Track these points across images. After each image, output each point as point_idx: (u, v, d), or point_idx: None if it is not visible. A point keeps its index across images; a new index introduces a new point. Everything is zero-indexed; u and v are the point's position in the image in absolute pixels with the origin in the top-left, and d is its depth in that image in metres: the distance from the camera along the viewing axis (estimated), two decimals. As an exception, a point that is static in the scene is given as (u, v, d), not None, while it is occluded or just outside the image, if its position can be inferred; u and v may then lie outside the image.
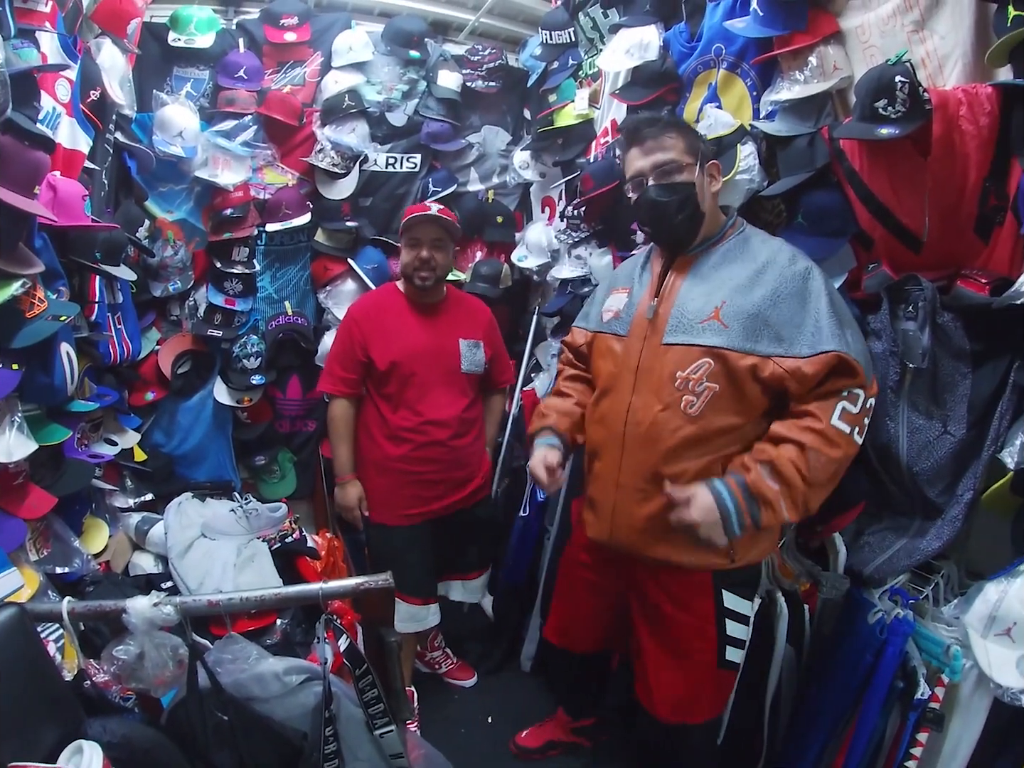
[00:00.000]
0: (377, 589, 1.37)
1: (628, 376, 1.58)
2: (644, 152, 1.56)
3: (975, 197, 1.43)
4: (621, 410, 1.58)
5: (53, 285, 1.77)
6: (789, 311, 1.44)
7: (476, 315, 2.39)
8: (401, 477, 2.21)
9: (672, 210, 1.53)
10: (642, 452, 1.55)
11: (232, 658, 1.38)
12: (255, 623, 2.03)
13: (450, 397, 2.24)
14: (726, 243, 1.58)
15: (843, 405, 1.41)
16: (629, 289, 1.69)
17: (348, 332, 2.25)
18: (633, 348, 1.59)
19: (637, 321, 1.61)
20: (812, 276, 1.47)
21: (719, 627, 1.61)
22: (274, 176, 2.81)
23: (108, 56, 2.14)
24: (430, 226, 2.17)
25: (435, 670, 2.59)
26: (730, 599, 1.61)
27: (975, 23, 1.40)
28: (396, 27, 2.86)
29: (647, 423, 1.53)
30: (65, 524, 1.84)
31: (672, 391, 1.51)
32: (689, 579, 1.60)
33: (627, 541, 1.61)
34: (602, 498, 1.65)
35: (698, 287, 1.54)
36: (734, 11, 1.93)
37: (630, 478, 1.57)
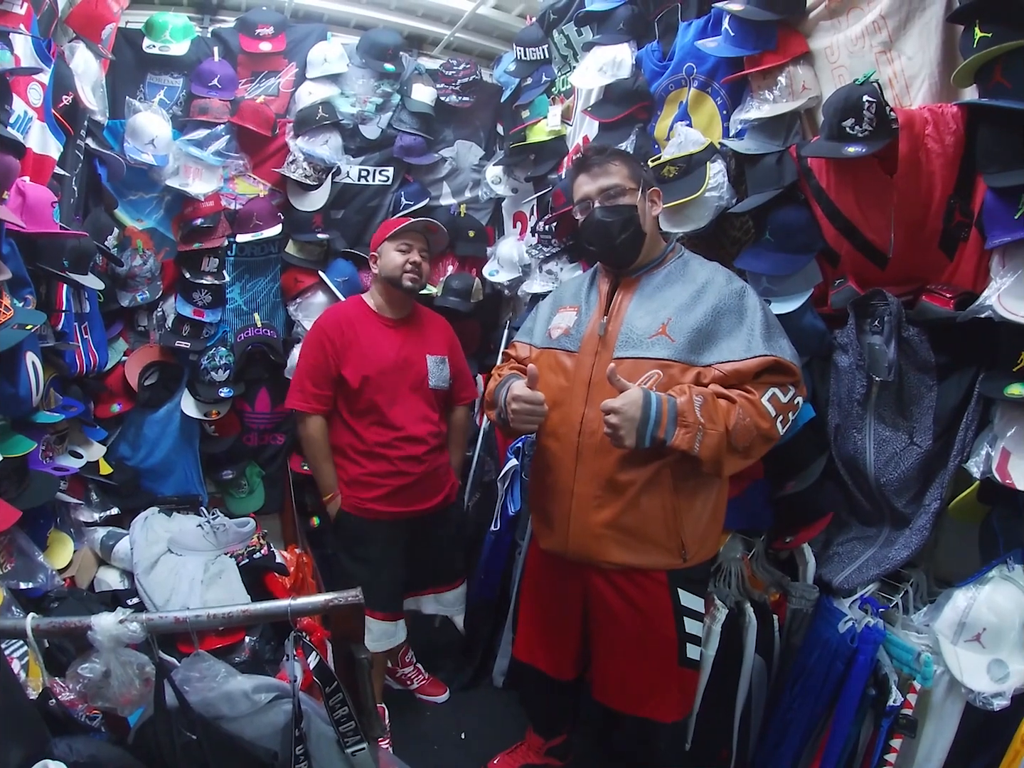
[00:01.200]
0: (346, 605, 1.34)
1: (581, 389, 1.66)
2: (591, 178, 1.69)
3: (940, 214, 1.47)
4: (575, 421, 1.65)
5: (19, 293, 1.73)
6: (728, 325, 1.56)
7: (440, 331, 2.40)
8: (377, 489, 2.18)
9: (616, 230, 1.65)
10: (597, 461, 1.62)
11: (200, 676, 1.35)
12: (223, 640, 1.99)
13: (421, 412, 2.23)
14: (667, 266, 1.70)
15: (774, 391, 1.51)
16: (577, 308, 1.77)
17: (320, 347, 2.19)
18: (585, 363, 1.67)
19: (588, 338, 1.69)
20: (747, 294, 1.61)
21: (678, 625, 1.66)
22: (246, 187, 2.79)
23: (82, 61, 2.12)
24: (420, 236, 2.21)
25: (407, 686, 2.56)
26: (685, 597, 1.66)
27: (942, 44, 1.45)
28: (371, 40, 2.87)
29: (601, 432, 1.57)
30: (29, 538, 1.80)
31: None
32: (646, 580, 1.65)
33: (584, 548, 1.66)
34: (556, 509, 1.70)
35: (644, 306, 1.65)
36: (706, 31, 1.98)
37: (585, 487, 1.64)
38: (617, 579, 1.66)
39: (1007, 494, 1.35)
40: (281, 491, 3.02)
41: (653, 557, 1.62)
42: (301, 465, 2.95)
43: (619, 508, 1.60)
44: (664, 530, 1.61)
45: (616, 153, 1.74)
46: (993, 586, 1.39)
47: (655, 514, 1.60)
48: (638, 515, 1.60)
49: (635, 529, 1.61)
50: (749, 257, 1.83)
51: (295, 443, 2.97)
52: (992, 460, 1.39)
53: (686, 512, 1.61)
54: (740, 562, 1.87)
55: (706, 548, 1.70)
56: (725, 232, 2.01)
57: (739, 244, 1.98)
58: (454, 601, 2.45)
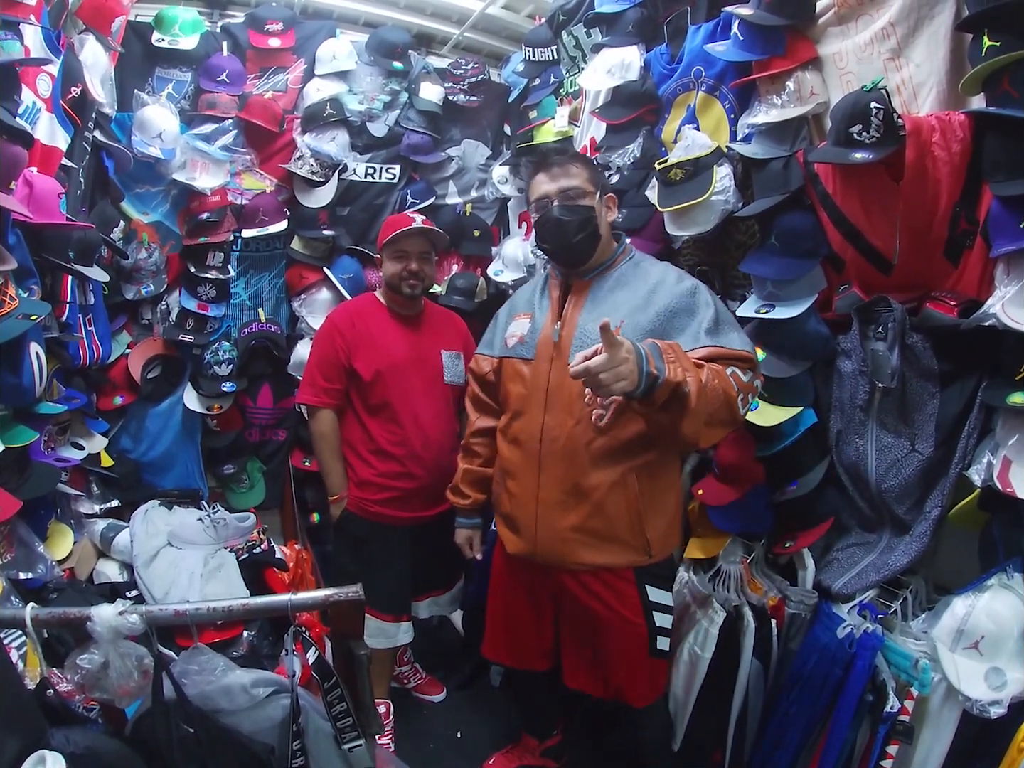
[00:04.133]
0: (346, 601, 1.34)
1: (539, 396, 1.68)
2: (551, 177, 1.69)
3: (946, 221, 1.47)
4: (535, 429, 1.67)
5: (24, 283, 1.74)
6: (680, 323, 1.57)
7: (454, 327, 2.38)
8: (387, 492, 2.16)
9: (573, 229, 1.65)
10: (560, 467, 1.64)
11: (198, 669, 1.35)
12: (222, 634, 1.98)
13: (435, 410, 2.21)
14: (618, 268, 1.71)
15: (733, 369, 1.48)
16: (531, 315, 1.78)
17: (331, 341, 2.18)
18: (541, 370, 1.68)
19: (543, 344, 1.70)
20: (699, 291, 1.61)
21: (648, 619, 1.70)
22: (252, 182, 2.80)
23: (91, 53, 2.12)
24: (417, 239, 2.16)
25: (404, 685, 2.56)
26: (653, 592, 1.70)
27: (950, 52, 1.45)
28: (380, 38, 2.88)
29: (563, 439, 1.62)
30: (29, 529, 1.80)
31: (582, 406, 1.61)
32: (613, 578, 1.68)
33: (552, 551, 1.68)
34: (522, 514, 1.72)
35: (597, 309, 1.64)
36: (715, 35, 1.98)
37: (550, 492, 1.66)
38: (586, 578, 1.69)
39: (1008, 502, 1.35)
40: (282, 487, 3.03)
41: (620, 556, 1.66)
42: (302, 461, 2.96)
43: (585, 512, 1.63)
44: (630, 530, 1.64)
45: (577, 156, 1.78)
46: (992, 594, 1.39)
47: (620, 516, 1.63)
48: (604, 518, 1.63)
49: (602, 531, 1.64)
50: (754, 261, 1.83)
51: (296, 439, 2.97)
52: (993, 468, 1.39)
53: (650, 512, 1.64)
54: (739, 566, 1.87)
55: (669, 544, 1.76)
56: (730, 236, 2.01)
57: (744, 248, 1.98)
58: (450, 600, 2.45)
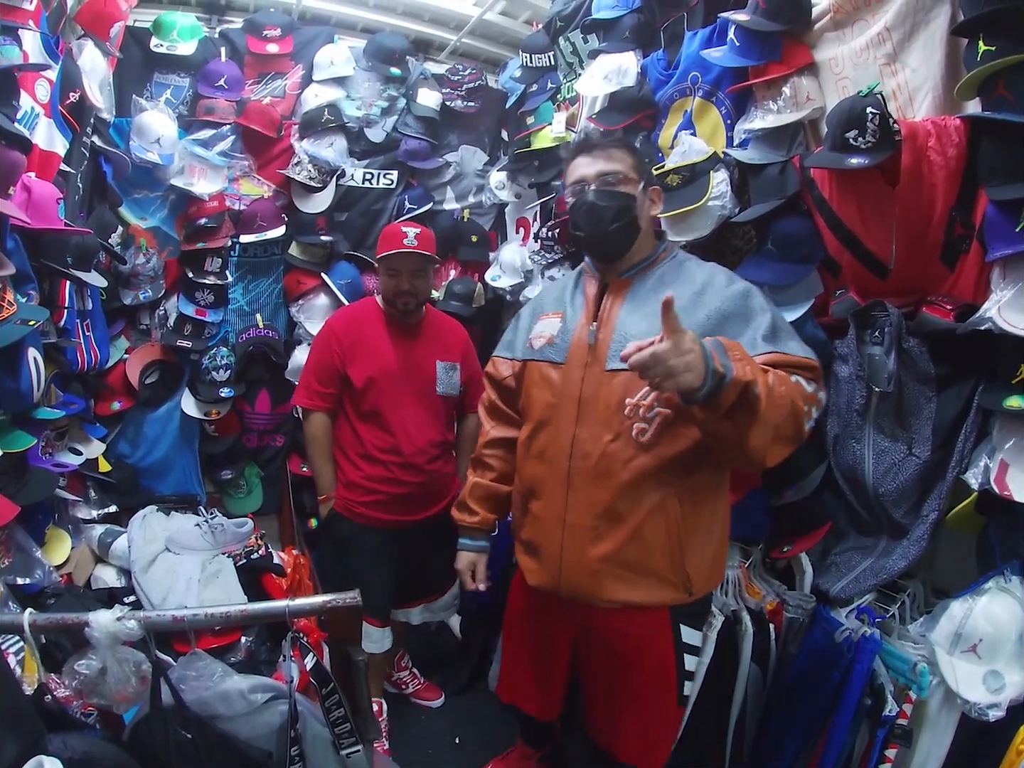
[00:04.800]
0: (344, 607, 1.34)
1: (570, 406, 1.49)
2: (591, 159, 1.52)
3: (942, 226, 1.48)
4: (564, 443, 1.48)
5: (23, 288, 1.74)
6: (734, 329, 1.37)
7: (453, 337, 2.35)
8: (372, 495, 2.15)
9: (609, 215, 1.48)
10: (592, 487, 1.45)
11: (196, 675, 1.35)
12: (219, 640, 1.98)
13: (424, 418, 2.19)
14: (660, 267, 1.54)
15: (797, 379, 1.30)
16: (561, 314, 1.60)
17: (327, 345, 2.18)
18: (573, 376, 1.50)
19: (576, 347, 1.52)
20: (752, 294, 1.43)
21: (678, 664, 1.52)
22: (250, 187, 2.80)
23: (89, 58, 2.12)
24: (409, 258, 2.11)
25: (402, 690, 2.55)
26: (686, 633, 1.53)
27: (946, 57, 1.46)
28: (378, 44, 2.89)
29: (596, 455, 1.43)
30: (27, 534, 1.79)
31: (622, 419, 1.42)
32: (646, 619, 1.49)
33: (579, 585, 1.48)
34: (546, 540, 1.53)
35: (639, 310, 1.47)
36: (711, 41, 1.99)
37: (579, 516, 1.46)
38: (615, 619, 1.50)
39: (1005, 506, 1.36)
40: (279, 492, 3.03)
41: (656, 592, 1.45)
42: (300, 467, 2.96)
43: (620, 540, 1.43)
44: (669, 563, 1.44)
45: (622, 141, 1.60)
46: (990, 597, 1.40)
47: (659, 546, 1.43)
48: (641, 547, 1.43)
49: (637, 563, 1.44)
50: (751, 267, 1.84)
51: (294, 444, 2.97)
52: (990, 472, 1.39)
53: (692, 543, 1.44)
54: (737, 570, 1.87)
55: (712, 580, 1.56)
56: (727, 241, 2.02)
57: (741, 253, 1.99)
58: (444, 606, 2.42)
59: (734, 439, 1.22)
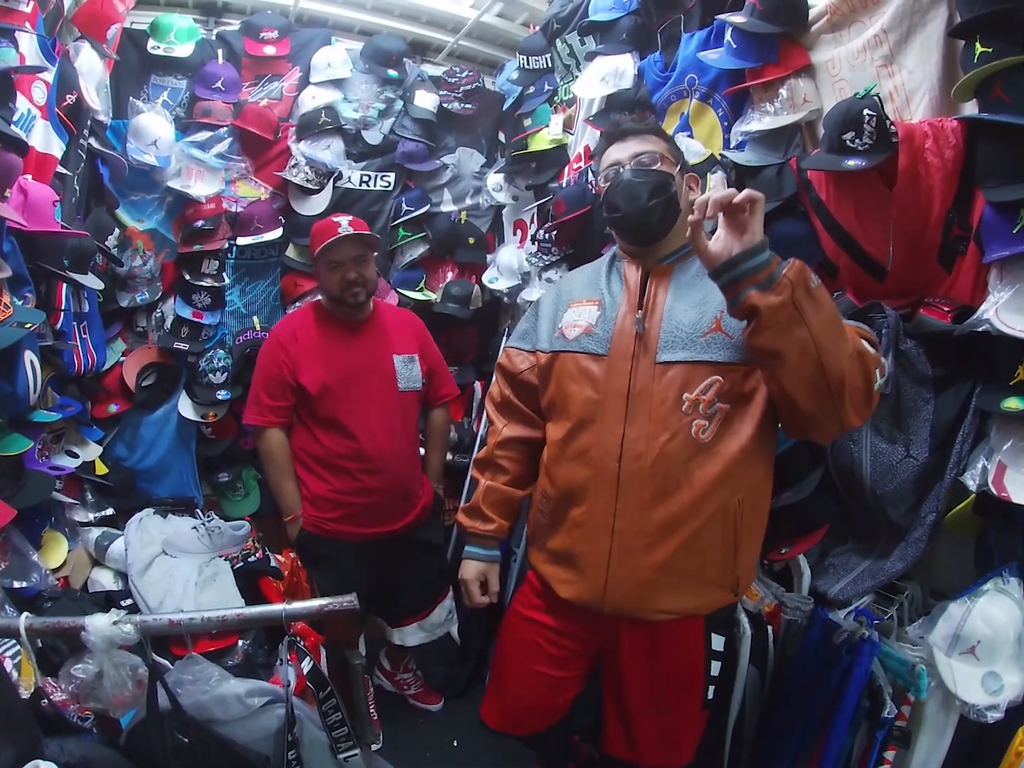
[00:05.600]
0: (341, 611, 1.34)
1: (617, 403, 1.36)
2: (623, 146, 1.44)
3: (939, 227, 1.48)
4: (611, 444, 1.36)
5: (19, 291, 1.73)
6: None
7: (407, 327, 2.26)
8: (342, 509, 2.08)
9: (647, 191, 1.37)
10: (646, 491, 1.33)
11: (193, 679, 1.35)
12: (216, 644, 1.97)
13: (390, 420, 2.11)
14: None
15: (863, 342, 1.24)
16: (598, 300, 1.46)
17: (273, 356, 2.09)
18: (619, 369, 1.37)
19: (620, 337, 1.39)
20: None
21: (706, 671, 1.46)
22: (247, 189, 2.80)
23: (86, 60, 2.12)
24: (349, 244, 2.02)
25: (403, 691, 2.54)
26: (716, 640, 1.47)
27: (943, 59, 1.46)
28: (375, 46, 2.89)
29: (651, 456, 1.32)
30: (24, 537, 1.78)
31: (680, 416, 1.31)
32: (680, 629, 1.42)
33: (628, 597, 1.37)
34: (589, 550, 1.40)
35: (686, 298, 1.37)
36: (708, 43, 1.99)
37: (631, 524, 1.35)
38: (658, 630, 1.42)
39: (1003, 507, 1.35)
40: (277, 495, 3.01)
41: (706, 597, 1.39)
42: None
43: (674, 548, 1.33)
44: (721, 568, 1.37)
45: (655, 127, 1.51)
46: (988, 599, 1.39)
47: (715, 551, 1.35)
48: (697, 554, 1.34)
49: (691, 570, 1.35)
50: (749, 268, 1.83)
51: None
52: (988, 473, 1.39)
53: (747, 544, 1.38)
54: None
55: (752, 576, 1.52)
56: (725, 242, 2.02)
57: (739, 255, 1.98)
58: (439, 621, 2.34)
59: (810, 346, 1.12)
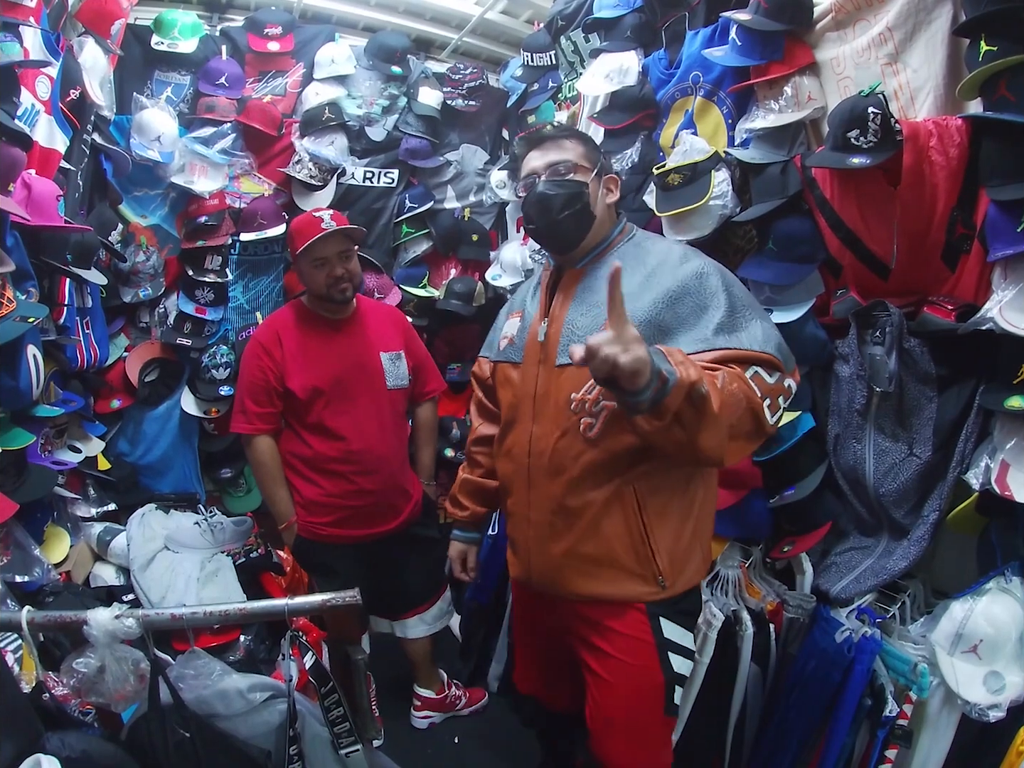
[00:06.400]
0: (343, 606, 1.34)
1: (527, 404, 1.47)
2: (542, 152, 1.47)
3: (943, 226, 1.48)
4: (524, 441, 1.47)
5: (22, 285, 1.74)
6: (684, 312, 1.31)
7: (392, 324, 2.23)
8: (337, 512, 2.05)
9: (559, 204, 1.41)
10: (548, 484, 1.43)
11: (195, 674, 1.35)
12: (218, 639, 1.99)
13: (380, 419, 2.08)
14: (614, 251, 1.46)
15: (756, 370, 1.24)
16: (522, 313, 1.59)
17: (256, 362, 2.02)
18: (529, 374, 1.48)
19: (530, 345, 1.50)
20: (706, 274, 1.34)
21: (663, 662, 1.41)
22: (250, 185, 2.80)
23: (90, 56, 2.12)
24: (333, 240, 1.97)
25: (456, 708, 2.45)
26: (669, 628, 1.42)
27: (947, 57, 1.45)
28: (379, 42, 2.89)
29: (548, 452, 1.41)
30: (26, 532, 1.79)
31: (569, 415, 1.38)
32: (620, 610, 1.42)
33: (547, 579, 1.48)
34: (518, 536, 1.54)
35: (587, 301, 1.42)
36: (713, 40, 1.98)
37: (540, 513, 1.45)
38: (588, 611, 1.45)
39: (1005, 506, 1.35)
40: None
41: (624, 586, 1.40)
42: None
43: (577, 535, 1.40)
44: (633, 555, 1.39)
45: (574, 132, 1.55)
46: (990, 598, 1.39)
47: (619, 537, 1.38)
48: (600, 541, 1.39)
49: (598, 557, 1.40)
50: (752, 266, 1.83)
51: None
52: (991, 472, 1.39)
53: (659, 532, 1.38)
54: (737, 570, 1.87)
55: (691, 571, 1.45)
56: (728, 241, 2.02)
57: (742, 253, 1.98)
58: (439, 615, 2.34)
59: (685, 444, 1.16)
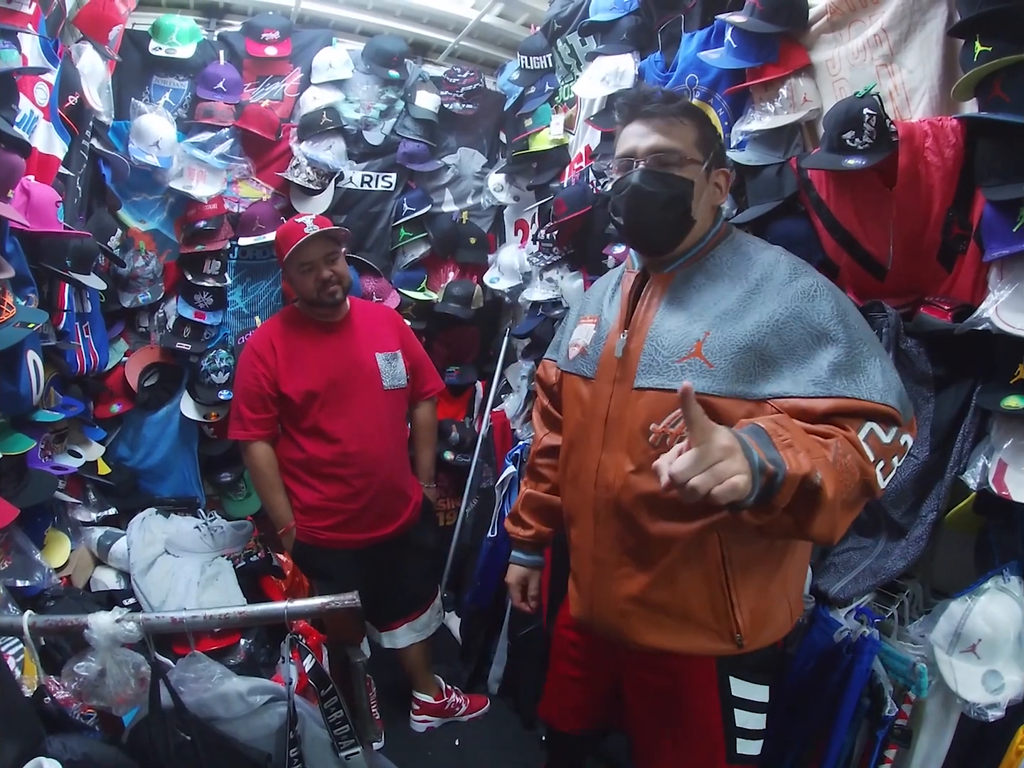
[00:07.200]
0: (343, 609, 1.34)
1: (598, 428, 1.28)
2: (647, 130, 1.23)
3: (939, 226, 1.48)
4: (591, 469, 1.29)
5: (22, 291, 1.74)
6: (792, 340, 1.11)
7: (386, 324, 2.22)
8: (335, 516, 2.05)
9: (656, 205, 1.21)
10: (617, 520, 1.26)
11: (195, 677, 1.36)
12: (218, 642, 2.00)
13: (377, 421, 2.08)
14: (711, 256, 1.25)
15: (871, 427, 1.07)
16: (597, 319, 1.37)
17: (251, 368, 2.02)
18: (602, 393, 1.28)
19: (605, 360, 1.29)
20: (819, 294, 1.14)
21: (725, 719, 1.29)
22: (249, 190, 2.81)
23: (88, 62, 2.13)
24: (318, 244, 1.97)
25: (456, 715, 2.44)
26: (739, 687, 1.29)
27: (942, 58, 1.45)
28: (376, 46, 2.89)
29: (618, 486, 1.23)
30: (27, 536, 1.80)
31: (646, 447, 1.20)
32: (686, 665, 1.29)
33: (609, 624, 1.31)
34: (581, 572, 1.36)
35: (676, 315, 1.22)
36: (708, 42, 1.98)
37: (607, 552, 1.28)
38: (652, 662, 1.32)
39: (1003, 506, 1.35)
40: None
41: (695, 641, 1.24)
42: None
43: (648, 580, 1.23)
44: (710, 609, 1.22)
45: (689, 108, 1.28)
46: (989, 597, 1.39)
47: (697, 589, 1.22)
48: (674, 590, 1.22)
49: (670, 606, 1.24)
50: (749, 267, 1.83)
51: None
52: (989, 472, 1.39)
53: (742, 586, 1.21)
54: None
55: (773, 629, 1.29)
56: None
57: (739, 254, 1.98)
58: (428, 622, 2.31)
59: (794, 531, 1.00)
